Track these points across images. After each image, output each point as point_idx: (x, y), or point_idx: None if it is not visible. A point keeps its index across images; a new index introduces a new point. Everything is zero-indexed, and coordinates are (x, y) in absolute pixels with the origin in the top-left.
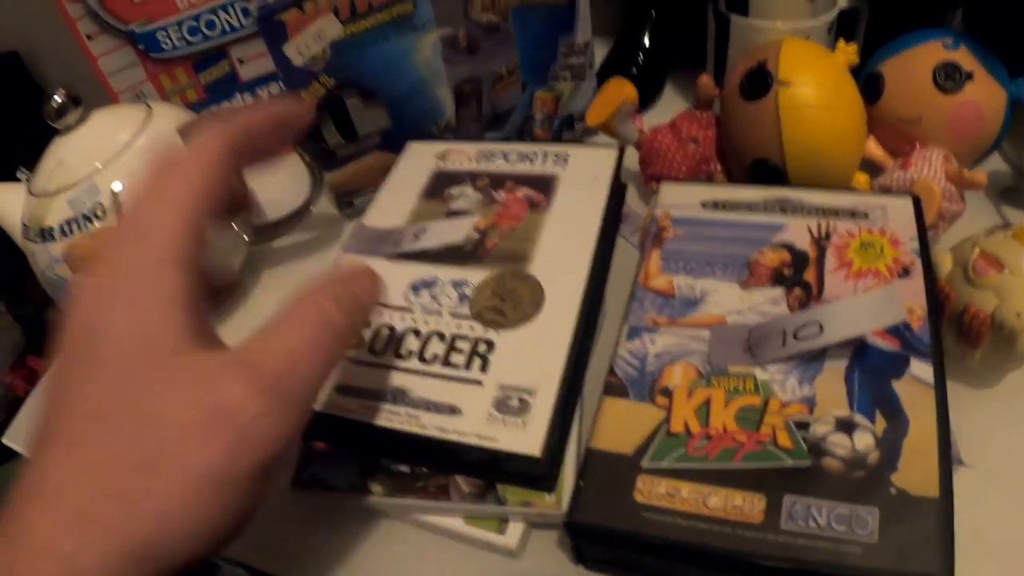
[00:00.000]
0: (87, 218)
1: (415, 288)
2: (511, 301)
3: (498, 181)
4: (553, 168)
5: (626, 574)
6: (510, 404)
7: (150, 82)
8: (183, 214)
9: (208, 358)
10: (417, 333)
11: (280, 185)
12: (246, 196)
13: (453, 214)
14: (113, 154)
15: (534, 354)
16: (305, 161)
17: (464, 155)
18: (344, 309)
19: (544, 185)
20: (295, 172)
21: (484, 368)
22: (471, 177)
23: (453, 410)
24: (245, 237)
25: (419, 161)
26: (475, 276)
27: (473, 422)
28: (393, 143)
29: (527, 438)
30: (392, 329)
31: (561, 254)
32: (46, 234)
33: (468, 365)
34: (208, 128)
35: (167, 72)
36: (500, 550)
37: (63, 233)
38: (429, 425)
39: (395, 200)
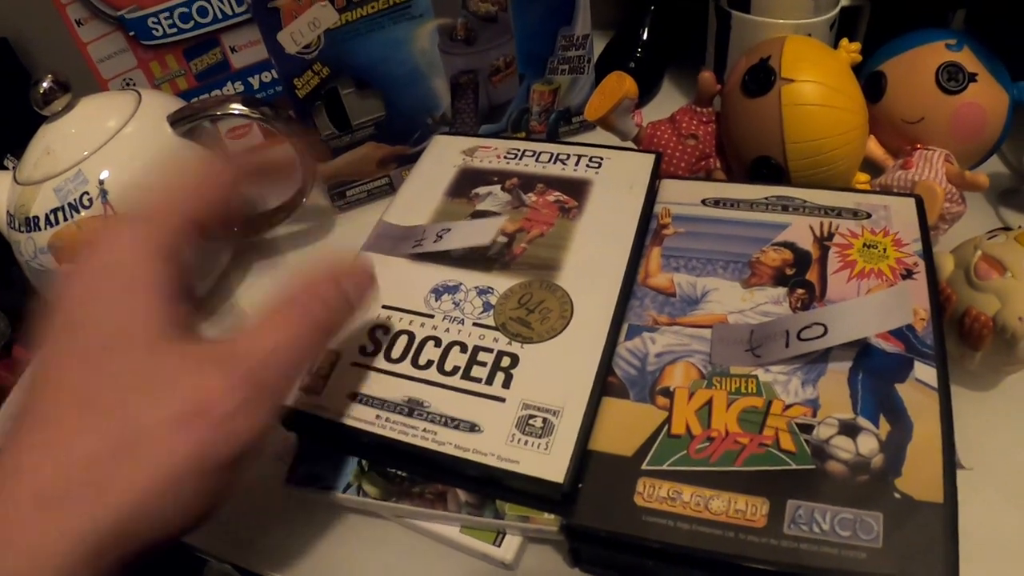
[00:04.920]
0: (73, 207)
1: (436, 292)
2: (538, 313)
3: (528, 183)
4: (586, 172)
5: None
6: (533, 424)
7: (140, 69)
8: (174, 213)
9: (187, 350)
10: (438, 342)
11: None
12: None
13: (479, 215)
14: (101, 142)
15: (560, 372)
16: (298, 151)
17: (493, 152)
18: (331, 308)
19: (576, 190)
20: None
21: (507, 384)
22: (499, 176)
23: (473, 427)
24: (234, 229)
25: (445, 156)
26: (501, 283)
27: (494, 442)
28: (387, 134)
29: (551, 462)
30: (411, 336)
31: (593, 266)
32: (31, 223)
33: (490, 379)
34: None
35: (158, 59)
36: (495, 562)
37: (48, 222)
38: (447, 442)
39: (418, 197)
